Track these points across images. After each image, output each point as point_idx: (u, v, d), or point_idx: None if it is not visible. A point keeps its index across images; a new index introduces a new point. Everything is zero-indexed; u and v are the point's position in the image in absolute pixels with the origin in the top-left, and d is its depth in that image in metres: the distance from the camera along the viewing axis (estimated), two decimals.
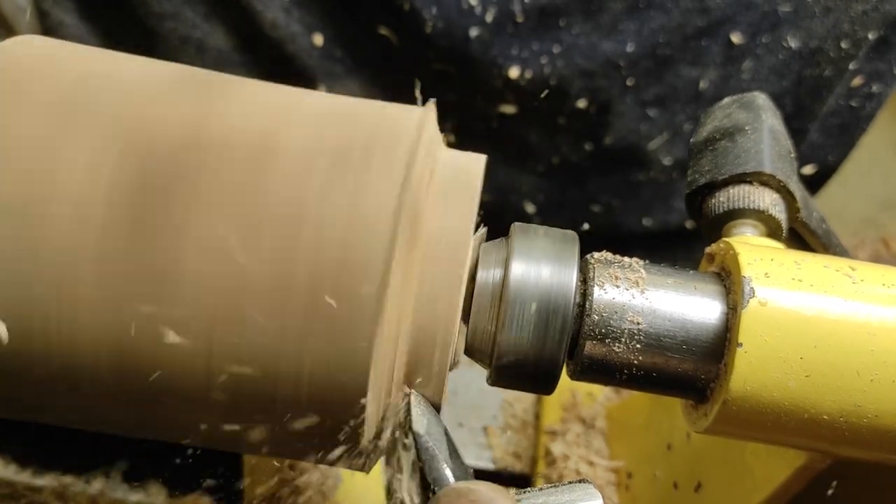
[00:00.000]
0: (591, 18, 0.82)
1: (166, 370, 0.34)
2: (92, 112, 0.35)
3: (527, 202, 0.95)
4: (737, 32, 0.83)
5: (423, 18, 0.80)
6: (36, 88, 0.36)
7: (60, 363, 0.34)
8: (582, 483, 0.33)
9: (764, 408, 0.37)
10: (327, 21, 0.84)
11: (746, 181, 0.48)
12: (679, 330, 0.38)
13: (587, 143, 0.89)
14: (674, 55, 0.84)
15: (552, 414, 0.80)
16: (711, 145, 0.51)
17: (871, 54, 0.85)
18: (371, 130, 0.37)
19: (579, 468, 0.72)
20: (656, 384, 0.40)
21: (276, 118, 0.37)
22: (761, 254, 0.39)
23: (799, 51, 0.83)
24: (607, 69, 0.83)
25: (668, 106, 0.87)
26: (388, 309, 0.33)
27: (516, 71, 0.82)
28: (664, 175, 0.92)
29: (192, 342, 0.33)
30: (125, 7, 0.81)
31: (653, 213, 0.95)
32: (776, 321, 0.37)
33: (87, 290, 0.33)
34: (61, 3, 0.81)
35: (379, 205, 0.34)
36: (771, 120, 0.51)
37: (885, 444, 0.38)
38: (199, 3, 0.81)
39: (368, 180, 0.34)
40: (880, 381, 0.36)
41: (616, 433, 0.75)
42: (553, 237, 0.40)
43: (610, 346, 0.39)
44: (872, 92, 0.88)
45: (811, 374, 0.36)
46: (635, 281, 0.39)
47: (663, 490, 0.62)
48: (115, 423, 0.38)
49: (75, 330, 0.33)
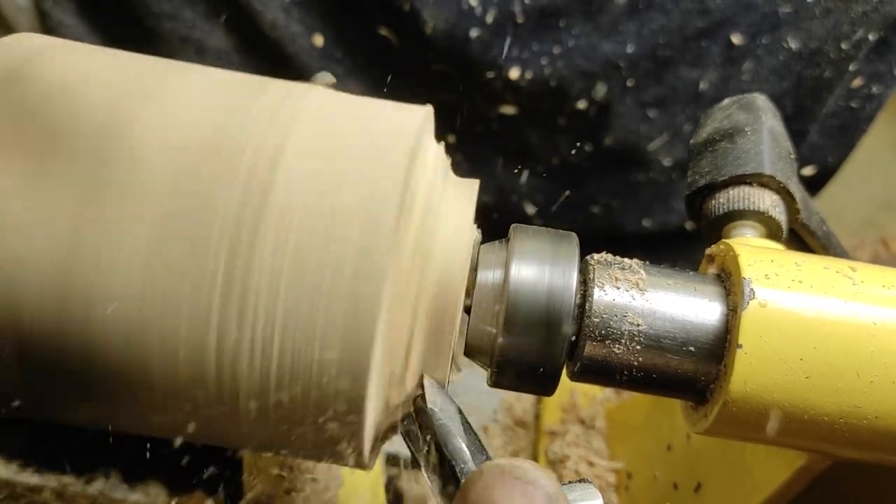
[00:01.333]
0: (591, 19, 0.82)
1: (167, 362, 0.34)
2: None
3: (527, 203, 0.95)
4: (737, 33, 0.83)
5: (424, 19, 0.80)
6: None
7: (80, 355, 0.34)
8: (582, 483, 0.33)
9: (764, 409, 0.37)
10: (327, 22, 0.84)
11: (746, 182, 0.48)
12: (679, 331, 0.38)
13: (587, 143, 0.89)
14: (674, 56, 0.84)
15: (552, 415, 0.80)
16: (711, 146, 0.51)
17: (871, 55, 0.85)
18: (372, 129, 0.37)
19: (579, 469, 0.72)
20: (656, 385, 0.40)
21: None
22: (761, 255, 0.39)
23: (799, 52, 0.83)
24: (607, 70, 0.83)
25: (667, 107, 0.87)
26: (385, 310, 0.33)
27: (516, 72, 0.82)
28: (664, 176, 0.92)
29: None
30: (125, 7, 0.81)
31: (652, 214, 0.95)
32: (776, 322, 0.37)
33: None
34: (61, 3, 0.81)
35: (384, 201, 0.34)
36: (771, 121, 0.51)
37: (885, 446, 0.38)
38: (199, 4, 0.81)
39: (373, 177, 0.34)
40: (880, 383, 0.36)
41: (616, 434, 0.75)
42: (553, 238, 0.40)
43: (610, 348, 0.39)
44: (872, 93, 0.88)
45: (811, 375, 0.37)
46: (635, 282, 0.39)
47: (663, 491, 0.62)
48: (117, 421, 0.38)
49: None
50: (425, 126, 0.39)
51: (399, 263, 0.35)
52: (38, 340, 0.34)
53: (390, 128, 0.37)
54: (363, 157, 0.35)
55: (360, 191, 0.34)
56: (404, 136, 0.36)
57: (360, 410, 0.34)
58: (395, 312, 0.35)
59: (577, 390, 0.80)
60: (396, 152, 0.36)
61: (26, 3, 0.80)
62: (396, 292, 0.34)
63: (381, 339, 0.34)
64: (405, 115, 0.38)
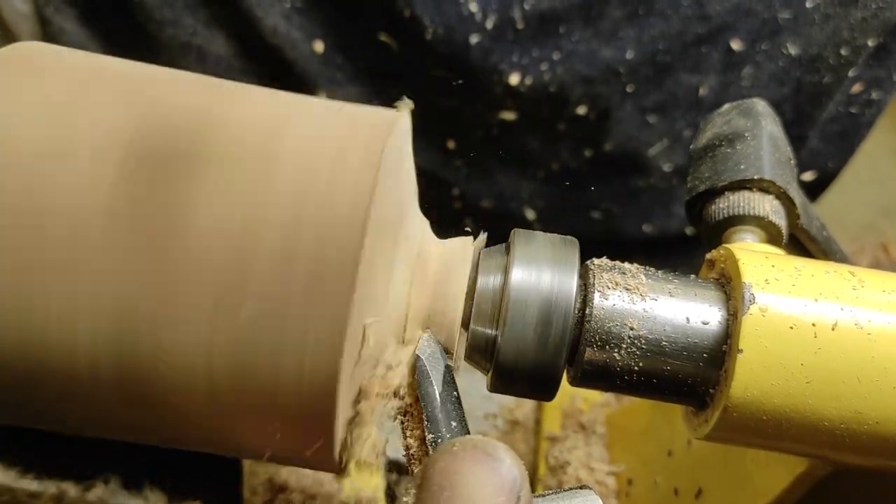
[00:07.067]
0: (591, 25, 0.82)
1: (167, 370, 0.34)
2: (103, 94, 0.35)
3: (527, 208, 0.95)
4: (736, 39, 0.83)
5: (424, 25, 0.80)
6: (47, 76, 0.36)
7: (58, 363, 0.34)
8: (583, 489, 0.33)
9: (764, 414, 0.37)
10: (328, 28, 0.84)
11: (746, 187, 0.48)
12: (679, 336, 0.38)
13: (587, 149, 0.90)
14: (673, 62, 0.84)
15: (552, 420, 0.79)
16: (711, 152, 0.51)
17: (870, 61, 0.85)
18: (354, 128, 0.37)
19: (580, 474, 0.72)
20: (657, 390, 0.40)
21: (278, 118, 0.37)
22: (762, 260, 0.39)
23: (798, 58, 0.84)
24: (607, 76, 0.84)
25: (667, 112, 0.87)
26: (356, 312, 0.33)
27: (516, 77, 0.83)
28: (664, 181, 0.92)
29: (192, 337, 0.33)
30: (126, 14, 0.81)
31: (653, 220, 0.95)
32: (777, 327, 0.37)
33: (87, 285, 0.33)
34: (63, 10, 0.81)
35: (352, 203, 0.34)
36: (770, 126, 0.51)
37: (886, 451, 0.37)
38: (200, 10, 0.82)
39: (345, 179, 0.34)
40: (881, 388, 0.36)
41: (616, 439, 0.75)
42: (553, 243, 0.40)
43: (610, 353, 0.38)
44: (872, 99, 0.88)
45: (812, 380, 0.36)
46: (635, 287, 0.39)
47: (664, 496, 0.62)
48: (117, 428, 0.38)
49: (74, 324, 0.33)
50: (403, 120, 0.39)
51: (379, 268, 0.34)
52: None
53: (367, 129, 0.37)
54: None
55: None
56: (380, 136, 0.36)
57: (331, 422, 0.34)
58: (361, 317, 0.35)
59: (577, 395, 0.80)
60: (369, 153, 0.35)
61: (28, 10, 0.81)
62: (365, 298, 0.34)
63: (349, 346, 0.34)
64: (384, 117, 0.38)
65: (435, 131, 0.88)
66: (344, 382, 0.34)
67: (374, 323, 0.36)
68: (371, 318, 0.36)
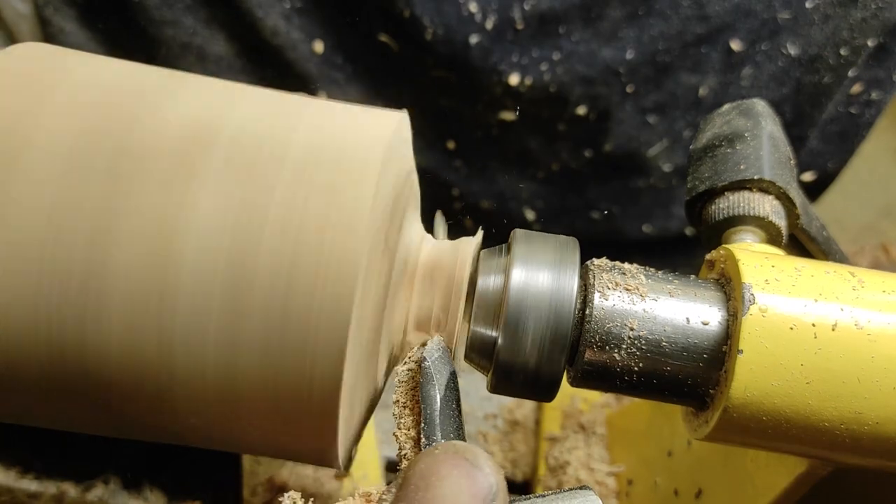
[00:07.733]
0: (591, 25, 0.82)
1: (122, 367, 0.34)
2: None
3: (527, 208, 0.95)
4: (736, 40, 0.83)
5: (424, 25, 0.80)
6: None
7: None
8: (583, 490, 0.33)
9: (765, 415, 0.37)
10: (328, 28, 0.84)
11: (746, 188, 0.48)
12: (679, 337, 0.38)
13: (587, 149, 0.90)
14: (673, 62, 0.84)
15: (552, 420, 0.79)
16: (711, 152, 0.51)
17: (870, 61, 0.86)
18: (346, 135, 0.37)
19: (580, 475, 0.72)
20: (657, 391, 0.40)
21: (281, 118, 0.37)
22: (761, 260, 0.39)
23: (798, 58, 0.84)
24: (607, 76, 0.84)
25: (667, 113, 0.87)
26: (357, 319, 0.33)
27: (516, 78, 0.83)
28: (664, 182, 0.92)
29: (198, 336, 0.33)
30: (126, 14, 0.81)
31: (653, 220, 0.95)
32: (777, 328, 0.37)
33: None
34: (62, 10, 0.81)
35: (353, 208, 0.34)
36: (770, 126, 0.51)
37: (886, 452, 0.37)
38: (200, 11, 0.82)
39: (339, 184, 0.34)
40: (881, 388, 0.36)
41: (616, 440, 0.75)
42: (554, 243, 0.40)
43: (610, 353, 0.38)
44: (872, 99, 0.88)
45: (812, 380, 0.36)
46: (635, 287, 0.39)
47: (664, 497, 0.62)
48: (127, 427, 0.38)
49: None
50: (402, 124, 0.39)
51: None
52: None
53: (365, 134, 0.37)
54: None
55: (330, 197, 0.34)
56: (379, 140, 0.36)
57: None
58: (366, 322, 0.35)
59: (577, 396, 0.80)
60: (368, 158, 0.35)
61: (27, 10, 0.80)
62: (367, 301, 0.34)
63: (352, 349, 0.34)
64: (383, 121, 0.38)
65: (435, 131, 0.88)
66: (347, 382, 0.34)
67: (376, 323, 0.36)
68: (372, 319, 0.36)
